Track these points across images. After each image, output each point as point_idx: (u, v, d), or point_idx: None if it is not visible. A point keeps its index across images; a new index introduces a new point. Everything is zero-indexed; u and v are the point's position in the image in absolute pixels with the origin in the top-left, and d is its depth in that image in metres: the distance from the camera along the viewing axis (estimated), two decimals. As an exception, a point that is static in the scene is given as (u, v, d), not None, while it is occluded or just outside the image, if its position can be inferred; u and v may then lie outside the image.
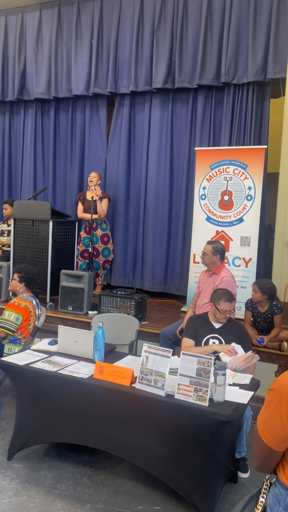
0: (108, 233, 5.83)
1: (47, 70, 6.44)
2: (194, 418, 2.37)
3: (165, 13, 5.63)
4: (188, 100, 5.78)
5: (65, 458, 3.02)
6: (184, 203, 5.84)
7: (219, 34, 5.33)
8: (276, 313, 3.95)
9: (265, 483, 1.34)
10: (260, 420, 1.25)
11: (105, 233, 5.78)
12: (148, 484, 2.77)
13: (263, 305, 3.99)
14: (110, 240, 5.87)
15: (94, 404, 2.72)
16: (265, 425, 1.22)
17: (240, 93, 5.38)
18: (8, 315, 3.75)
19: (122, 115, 6.19)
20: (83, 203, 5.78)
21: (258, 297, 3.94)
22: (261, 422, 1.24)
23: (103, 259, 5.77)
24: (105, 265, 5.85)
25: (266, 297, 3.91)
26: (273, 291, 3.92)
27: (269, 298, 3.93)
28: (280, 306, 3.98)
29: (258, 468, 1.31)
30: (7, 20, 6.69)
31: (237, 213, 4.94)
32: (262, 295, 3.89)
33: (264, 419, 1.23)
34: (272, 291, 3.90)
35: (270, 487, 1.32)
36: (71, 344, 3.09)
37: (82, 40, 6.16)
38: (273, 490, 1.30)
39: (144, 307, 4.79)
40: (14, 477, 2.79)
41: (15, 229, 5.33)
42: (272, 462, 1.27)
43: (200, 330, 3.35)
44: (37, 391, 2.89)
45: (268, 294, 3.88)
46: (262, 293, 3.88)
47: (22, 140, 6.98)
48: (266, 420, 1.22)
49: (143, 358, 2.56)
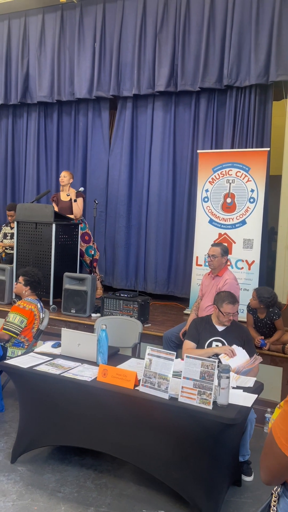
0: (88, 231, 5.79)
1: (50, 73, 6.47)
2: (198, 421, 2.37)
3: (167, 17, 5.64)
4: (190, 103, 5.79)
5: (69, 461, 3.02)
6: (186, 206, 5.84)
7: (221, 37, 5.35)
8: (274, 319, 3.95)
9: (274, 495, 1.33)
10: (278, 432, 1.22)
11: (85, 232, 5.74)
12: (152, 487, 2.76)
13: (261, 311, 3.99)
14: (91, 238, 5.82)
15: (98, 407, 2.71)
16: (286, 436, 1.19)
17: (243, 95, 5.39)
18: (12, 318, 3.75)
19: (125, 118, 6.20)
20: (57, 204, 5.74)
21: (255, 304, 3.94)
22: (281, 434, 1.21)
23: (89, 258, 5.74)
24: (94, 264, 5.79)
25: (263, 306, 3.90)
26: (272, 301, 3.87)
27: (267, 307, 3.92)
28: (278, 311, 3.97)
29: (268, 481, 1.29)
30: (10, 24, 6.73)
31: (239, 216, 4.93)
32: (259, 303, 3.89)
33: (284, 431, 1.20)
34: (271, 301, 3.86)
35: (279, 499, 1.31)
36: (75, 347, 3.09)
37: (85, 43, 6.18)
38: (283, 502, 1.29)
39: (147, 309, 4.79)
40: (17, 480, 2.79)
41: (18, 231, 5.34)
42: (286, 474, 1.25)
43: (203, 332, 3.35)
44: (41, 394, 2.89)
45: (265, 304, 3.87)
46: (259, 302, 3.88)
47: (25, 144, 7.00)
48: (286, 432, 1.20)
49: (147, 361, 2.56)
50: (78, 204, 5.59)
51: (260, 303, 3.87)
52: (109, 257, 6.43)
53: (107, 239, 6.41)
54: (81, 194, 5.73)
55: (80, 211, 5.60)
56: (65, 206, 5.63)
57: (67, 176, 5.68)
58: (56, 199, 5.80)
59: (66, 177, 5.68)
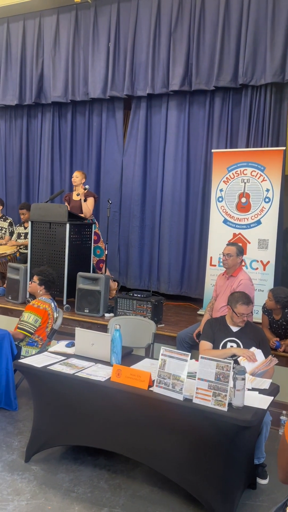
0: (97, 231, 5.74)
1: (64, 73, 6.48)
2: (213, 423, 2.34)
3: (182, 15, 5.61)
4: (205, 102, 5.75)
5: (82, 461, 3.02)
6: (200, 206, 5.80)
7: (236, 35, 5.30)
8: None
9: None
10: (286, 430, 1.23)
11: (94, 232, 5.68)
12: (166, 489, 2.74)
13: (277, 313, 3.94)
14: (100, 238, 5.78)
15: (111, 407, 2.70)
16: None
17: (258, 94, 5.34)
18: (27, 317, 3.77)
19: (139, 117, 6.19)
20: (69, 203, 5.76)
21: (271, 305, 3.89)
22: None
23: (96, 258, 5.68)
24: (100, 265, 5.74)
25: (280, 307, 3.85)
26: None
27: (283, 308, 3.87)
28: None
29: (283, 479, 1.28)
30: (25, 25, 6.76)
31: (254, 216, 4.89)
32: (275, 304, 3.84)
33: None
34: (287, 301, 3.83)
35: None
36: (88, 347, 3.08)
37: (99, 43, 6.18)
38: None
39: (160, 310, 4.77)
40: (31, 479, 2.79)
41: (33, 231, 5.36)
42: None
43: (218, 333, 3.31)
44: (55, 393, 2.89)
45: (281, 304, 3.82)
46: (276, 302, 3.83)
47: (39, 144, 7.03)
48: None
49: (161, 362, 2.54)
50: (88, 203, 5.58)
51: (277, 304, 3.82)
52: (123, 257, 6.43)
53: (121, 239, 6.41)
54: (92, 194, 5.73)
55: (90, 210, 5.58)
56: (76, 206, 5.63)
57: (79, 176, 5.69)
58: (68, 198, 5.82)
59: (78, 177, 5.68)
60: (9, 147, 7.34)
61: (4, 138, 7.35)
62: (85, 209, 5.54)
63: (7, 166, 7.37)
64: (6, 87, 6.96)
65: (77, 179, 5.67)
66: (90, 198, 5.64)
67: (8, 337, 3.64)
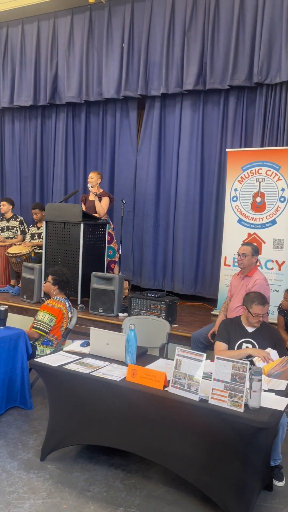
0: (111, 231, 5.71)
1: (79, 74, 6.51)
2: (229, 424, 2.33)
3: (196, 15, 5.59)
4: (219, 101, 5.72)
5: (97, 460, 3.02)
6: (215, 205, 5.78)
7: (251, 34, 5.27)
8: None
9: None
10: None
11: (108, 232, 5.65)
12: (181, 489, 2.73)
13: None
14: (113, 239, 5.77)
15: (127, 407, 2.70)
16: None
17: (273, 93, 5.30)
18: (42, 316, 3.79)
19: (153, 117, 6.19)
20: (85, 203, 5.78)
21: (287, 305, 3.85)
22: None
23: (107, 259, 5.65)
24: (111, 266, 5.72)
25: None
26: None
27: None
28: None
29: None
30: (40, 26, 6.80)
31: (269, 215, 4.85)
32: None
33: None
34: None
35: None
36: (103, 346, 3.09)
37: (113, 43, 6.19)
38: None
39: (174, 310, 4.76)
40: (47, 478, 2.80)
41: (47, 231, 5.39)
42: None
43: (233, 334, 3.30)
44: (70, 392, 2.90)
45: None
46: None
47: (53, 144, 7.07)
48: None
49: (176, 362, 2.53)
50: (102, 203, 5.58)
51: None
52: (137, 256, 6.43)
53: (135, 239, 6.41)
54: (108, 194, 5.74)
55: (104, 210, 5.58)
56: (91, 206, 5.66)
57: (94, 177, 5.70)
58: (84, 199, 5.85)
59: (93, 177, 5.69)
60: (24, 147, 7.39)
61: (18, 138, 7.41)
62: (98, 208, 5.55)
63: (21, 166, 7.43)
64: (21, 88, 7.01)
65: (92, 179, 5.69)
66: (105, 198, 5.65)
67: (23, 336, 3.67)
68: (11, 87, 7.12)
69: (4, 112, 7.53)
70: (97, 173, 5.77)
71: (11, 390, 3.64)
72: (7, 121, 7.52)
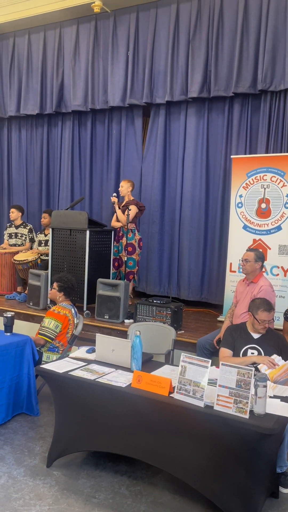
0: (134, 243, 5.65)
1: (84, 82, 6.57)
2: (234, 431, 2.33)
3: (200, 23, 5.64)
4: (224, 108, 5.75)
5: (103, 467, 3.03)
6: (220, 212, 5.79)
7: (255, 42, 5.30)
8: None
9: None
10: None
11: (130, 243, 5.60)
12: (187, 496, 2.73)
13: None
14: (136, 250, 5.69)
15: (132, 413, 2.71)
16: None
17: (277, 100, 5.32)
18: (47, 323, 3.81)
19: (158, 125, 6.23)
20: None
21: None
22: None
23: (127, 270, 5.56)
24: (129, 277, 5.63)
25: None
26: None
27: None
28: None
29: None
30: (46, 36, 6.88)
31: (275, 221, 4.86)
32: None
33: None
34: None
35: None
36: (109, 353, 3.10)
37: (118, 52, 6.25)
38: None
39: (180, 316, 4.76)
40: (53, 484, 2.81)
41: (53, 238, 5.43)
42: None
43: (238, 340, 3.30)
44: (76, 398, 2.91)
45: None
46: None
47: (59, 152, 7.13)
48: None
49: (181, 368, 2.54)
50: (131, 212, 5.53)
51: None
52: (143, 263, 6.44)
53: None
54: (137, 202, 5.72)
55: (125, 219, 5.51)
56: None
57: (124, 185, 5.74)
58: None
59: (124, 186, 5.73)
60: (30, 155, 7.46)
61: (25, 146, 7.48)
62: (120, 217, 5.60)
63: (28, 174, 7.49)
64: (27, 97, 7.09)
65: (122, 188, 5.72)
66: (132, 206, 5.62)
67: (30, 343, 3.69)
68: (18, 96, 7.20)
69: (11, 121, 7.61)
70: (128, 181, 5.79)
71: (17, 397, 3.66)
72: (14, 129, 7.60)
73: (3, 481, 2.83)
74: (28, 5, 6.47)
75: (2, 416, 3.51)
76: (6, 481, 2.82)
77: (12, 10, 6.61)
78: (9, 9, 6.63)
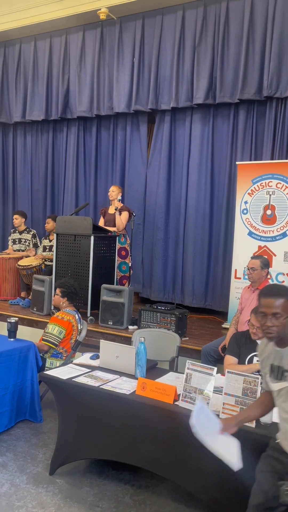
0: (126, 247, 5.71)
1: (90, 89, 6.59)
2: (240, 439, 2.28)
3: (206, 30, 5.66)
4: (229, 114, 5.76)
5: (107, 475, 2.99)
6: (225, 218, 5.78)
7: (261, 48, 5.31)
8: None
9: None
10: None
11: (123, 247, 5.66)
12: (191, 506, 2.69)
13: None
14: (128, 254, 5.73)
15: (136, 420, 2.68)
16: None
17: (283, 106, 5.32)
18: (51, 329, 3.79)
19: (163, 131, 6.23)
20: (104, 216, 5.81)
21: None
22: None
23: (120, 274, 5.65)
24: (123, 281, 5.67)
25: None
26: None
27: None
28: None
29: None
30: (52, 42, 6.92)
31: (280, 228, 4.83)
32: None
33: None
34: None
35: None
36: (113, 359, 3.08)
37: (124, 59, 6.27)
38: None
39: (184, 322, 4.74)
40: (56, 492, 2.78)
41: (58, 243, 5.42)
42: None
43: (243, 347, 3.26)
44: (79, 405, 2.89)
45: None
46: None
47: (64, 157, 7.14)
48: None
49: (186, 375, 2.51)
50: (122, 217, 5.60)
51: None
52: (147, 269, 6.43)
53: (145, 251, 6.42)
54: (128, 208, 5.74)
55: (123, 224, 5.60)
56: (110, 219, 5.71)
57: (115, 190, 5.74)
58: (104, 212, 5.87)
59: (115, 191, 5.73)
60: (35, 161, 7.48)
61: (30, 152, 7.50)
62: (118, 223, 5.59)
63: (33, 179, 7.51)
64: (33, 103, 7.12)
65: (113, 193, 5.72)
66: (124, 212, 5.67)
67: (33, 349, 3.67)
68: (24, 102, 7.23)
69: (16, 127, 7.64)
70: (118, 187, 5.81)
71: (21, 403, 3.64)
72: (19, 135, 7.62)
73: (6, 488, 2.80)
74: (34, 12, 6.52)
75: (5, 422, 3.49)
76: (9, 489, 2.79)
77: (18, 17, 6.65)
78: (15, 16, 6.68)
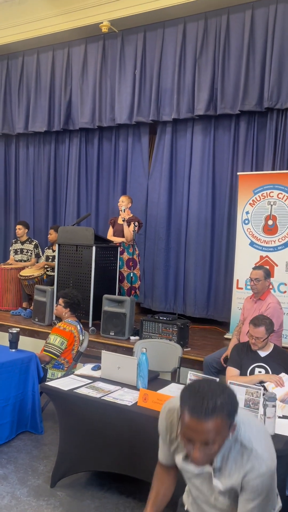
0: (135, 258, 5.67)
1: (92, 100, 6.65)
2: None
3: (207, 42, 5.72)
4: (230, 126, 5.79)
5: (108, 488, 2.96)
6: (226, 228, 5.79)
7: (261, 60, 5.36)
8: None
9: None
10: None
11: (131, 258, 5.63)
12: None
13: None
14: (137, 265, 5.72)
15: (138, 432, 2.66)
16: None
17: (283, 117, 5.36)
18: (53, 339, 3.78)
19: (164, 142, 6.27)
20: (113, 226, 5.82)
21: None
22: None
23: (128, 285, 5.61)
24: (131, 292, 5.64)
25: None
26: None
27: None
28: None
29: None
30: (54, 55, 7.00)
31: (282, 238, 4.84)
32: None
33: None
34: None
35: None
36: (115, 370, 3.06)
37: (126, 71, 6.34)
38: None
39: (186, 333, 4.72)
40: (57, 505, 2.75)
41: (60, 254, 5.43)
42: None
43: (245, 358, 3.25)
44: (81, 417, 2.87)
45: None
46: None
47: (66, 168, 7.19)
48: None
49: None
50: (130, 228, 5.57)
51: None
52: (148, 279, 6.42)
53: (146, 262, 6.42)
54: (137, 219, 5.74)
55: (131, 234, 5.55)
56: (119, 229, 5.71)
57: (125, 200, 5.75)
58: (113, 222, 5.88)
59: (124, 201, 5.74)
60: (38, 171, 7.52)
61: (32, 163, 7.55)
62: (126, 233, 5.59)
63: (35, 190, 7.55)
64: (36, 115, 7.18)
65: (123, 203, 5.72)
66: (132, 223, 5.64)
67: (35, 360, 3.66)
68: (26, 113, 7.29)
69: (19, 138, 7.69)
70: (128, 197, 5.81)
71: (22, 415, 3.61)
72: (22, 146, 7.68)
73: (6, 501, 2.77)
74: (37, 26, 6.61)
75: (6, 434, 3.46)
76: (9, 502, 2.77)
77: (21, 30, 6.74)
78: (18, 29, 6.77)
